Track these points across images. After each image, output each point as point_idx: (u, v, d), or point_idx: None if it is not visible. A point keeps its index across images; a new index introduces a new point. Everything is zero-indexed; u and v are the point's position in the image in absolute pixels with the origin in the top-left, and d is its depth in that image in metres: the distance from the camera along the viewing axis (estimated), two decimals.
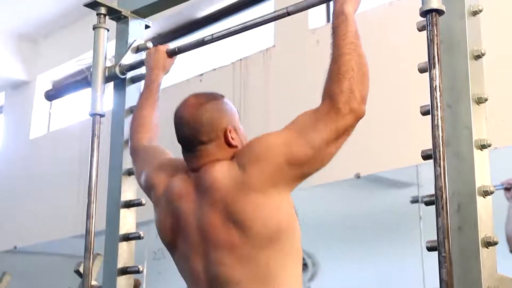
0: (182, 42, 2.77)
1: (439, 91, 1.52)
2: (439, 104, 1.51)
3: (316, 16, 4.93)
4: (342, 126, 1.67)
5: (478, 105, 1.62)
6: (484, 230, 1.55)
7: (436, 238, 1.45)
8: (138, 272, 2.27)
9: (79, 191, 5.70)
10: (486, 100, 1.63)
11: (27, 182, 7.08)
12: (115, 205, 2.32)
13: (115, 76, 2.36)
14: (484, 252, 1.53)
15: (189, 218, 1.81)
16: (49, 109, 7.62)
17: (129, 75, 2.41)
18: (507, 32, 3.81)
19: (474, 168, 1.57)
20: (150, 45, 2.43)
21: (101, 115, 2.29)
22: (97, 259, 2.97)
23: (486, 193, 1.57)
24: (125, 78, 2.40)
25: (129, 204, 2.32)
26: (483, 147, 1.59)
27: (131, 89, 2.42)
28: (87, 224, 2.16)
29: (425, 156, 1.60)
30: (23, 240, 6.95)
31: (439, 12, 1.58)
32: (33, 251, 7.09)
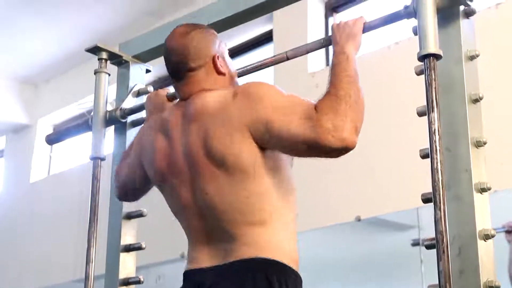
0: None
1: (438, 134, 1.52)
2: (438, 148, 1.51)
3: (315, 60, 4.97)
4: (322, 143, 1.60)
5: (477, 148, 1.63)
6: (486, 274, 1.54)
7: (438, 282, 1.44)
8: None
9: (79, 234, 5.67)
10: (485, 143, 1.64)
11: (27, 225, 7.05)
12: (115, 249, 2.31)
13: (116, 120, 2.37)
14: None
15: (176, 144, 1.82)
16: (49, 152, 7.63)
17: (130, 119, 2.42)
18: (504, 75, 3.84)
19: (475, 212, 1.58)
20: (151, 89, 2.45)
21: (102, 159, 2.29)
22: None
23: (487, 237, 1.57)
24: (125, 121, 2.41)
25: (129, 248, 2.30)
26: (483, 190, 1.60)
27: (131, 132, 2.43)
28: (86, 269, 2.15)
29: (425, 200, 1.60)
30: (23, 284, 6.89)
31: (436, 56, 1.60)
32: None
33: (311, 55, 4.49)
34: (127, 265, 2.30)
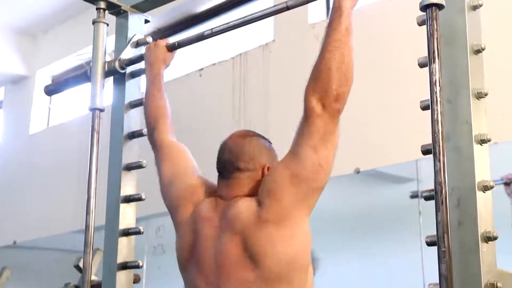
0: (181, 36, 2.77)
1: (439, 86, 1.51)
2: (438, 99, 1.50)
3: (316, 11, 4.92)
4: (320, 127, 1.68)
5: (478, 100, 1.62)
6: (484, 225, 1.55)
7: (436, 233, 1.45)
8: (137, 267, 2.26)
9: (78, 186, 5.70)
10: (486, 95, 1.63)
11: (27, 177, 7.08)
12: (115, 200, 2.31)
13: (115, 70, 2.36)
14: (483, 247, 1.53)
15: (208, 244, 1.82)
16: (48, 104, 7.61)
17: (129, 69, 2.40)
18: (507, 27, 3.80)
19: (474, 163, 1.57)
20: (149, 39, 2.43)
21: (101, 110, 2.28)
22: (97, 254, 2.97)
23: (486, 188, 1.57)
24: (124, 72, 2.39)
25: (129, 199, 2.31)
26: (483, 142, 1.59)
27: (130, 83, 2.42)
28: (86, 219, 2.16)
29: (425, 151, 1.60)
30: (22, 235, 6.96)
31: (439, 6, 1.57)
32: (33, 246, 7.10)
33: (312, 5, 4.44)
34: (127, 216, 2.31)
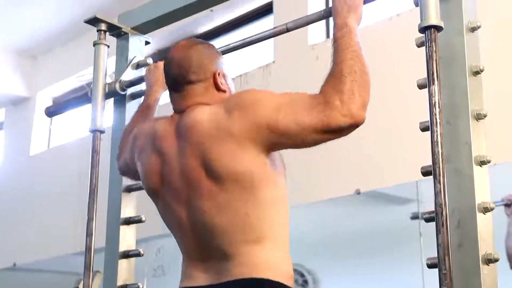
0: None
1: (438, 107, 1.52)
2: (438, 120, 1.51)
3: (316, 32, 4.94)
4: (334, 125, 1.60)
5: (477, 121, 1.63)
6: (485, 247, 1.54)
7: (437, 255, 1.45)
8: None
9: (79, 207, 5.67)
10: (485, 116, 1.63)
11: (27, 198, 7.06)
12: (115, 222, 2.31)
13: (115, 92, 2.36)
14: (484, 269, 1.53)
15: (171, 161, 1.78)
16: (49, 125, 7.63)
17: (129, 91, 2.41)
18: (505, 48, 3.82)
19: (474, 185, 1.57)
20: (150, 61, 2.44)
21: (101, 132, 2.29)
22: (97, 276, 2.95)
23: (486, 210, 1.57)
24: (125, 94, 2.40)
25: (129, 221, 2.31)
26: (482, 163, 1.59)
27: (131, 105, 2.42)
28: (86, 241, 2.15)
29: (425, 173, 1.60)
30: (22, 257, 6.93)
31: (437, 28, 1.58)
32: (33, 269, 7.07)
33: (312, 27, 4.46)
34: (127, 237, 2.31)
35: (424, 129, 1.62)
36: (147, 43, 2.55)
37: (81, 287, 2.39)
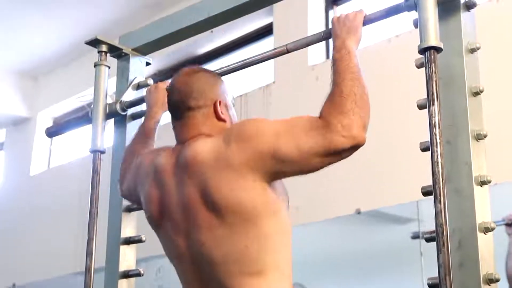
0: None
1: (439, 127, 1.52)
2: (438, 141, 1.51)
3: (316, 53, 4.96)
4: (336, 147, 1.59)
5: (477, 141, 1.63)
6: (486, 267, 1.54)
7: (437, 275, 1.44)
8: None
9: (79, 227, 5.68)
10: (485, 136, 1.64)
11: (27, 218, 7.05)
12: (115, 241, 2.31)
13: (116, 112, 2.37)
14: None
15: (171, 193, 1.77)
16: (49, 145, 7.63)
17: (130, 111, 2.42)
18: (505, 69, 3.83)
19: (475, 205, 1.57)
20: (150, 82, 2.45)
21: (102, 152, 2.29)
22: None
23: (487, 230, 1.57)
24: (125, 114, 2.41)
25: (129, 241, 2.31)
26: (483, 183, 1.60)
27: (131, 125, 2.43)
28: (86, 261, 2.15)
29: (426, 193, 1.60)
30: (22, 277, 6.90)
31: (437, 49, 1.59)
32: None
33: (311, 48, 4.49)
34: (127, 257, 2.30)
35: (425, 149, 1.62)
36: (147, 64, 2.56)
37: None
